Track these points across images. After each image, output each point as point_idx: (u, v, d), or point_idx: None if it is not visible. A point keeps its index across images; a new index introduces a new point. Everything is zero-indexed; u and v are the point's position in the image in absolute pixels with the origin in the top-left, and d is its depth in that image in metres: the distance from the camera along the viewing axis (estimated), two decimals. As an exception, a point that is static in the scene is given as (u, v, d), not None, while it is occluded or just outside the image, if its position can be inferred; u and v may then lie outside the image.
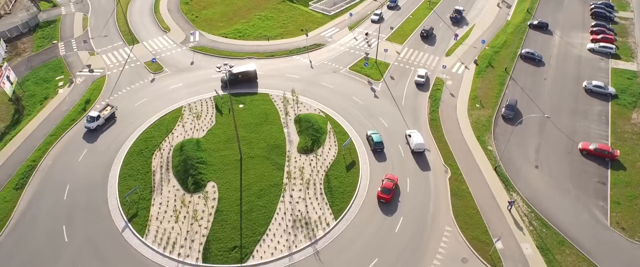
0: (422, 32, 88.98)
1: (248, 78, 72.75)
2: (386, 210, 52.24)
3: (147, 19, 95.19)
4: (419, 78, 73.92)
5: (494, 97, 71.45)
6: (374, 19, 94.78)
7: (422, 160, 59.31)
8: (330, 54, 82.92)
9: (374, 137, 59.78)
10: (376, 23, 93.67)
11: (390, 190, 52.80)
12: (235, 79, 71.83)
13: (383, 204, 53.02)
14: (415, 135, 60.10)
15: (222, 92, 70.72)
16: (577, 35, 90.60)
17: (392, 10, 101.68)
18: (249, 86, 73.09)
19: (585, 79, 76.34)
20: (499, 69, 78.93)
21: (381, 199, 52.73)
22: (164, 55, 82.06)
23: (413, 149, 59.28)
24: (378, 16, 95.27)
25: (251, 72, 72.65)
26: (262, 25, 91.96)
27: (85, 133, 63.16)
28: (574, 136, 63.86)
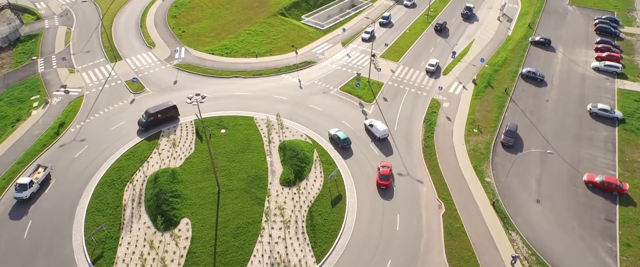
0: (437, 26, 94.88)
1: (169, 115, 64.58)
2: (372, 253, 47.87)
3: (132, 33, 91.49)
4: (429, 66, 79.36)
5: (493, 121, 67.13)
6: (365, 37, 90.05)
7: (414, 193, 54.98)
8: (321, 73, 78.87)
9: (340, 135, 60.46)
10: (367, 41, 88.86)
11: (388, 176, 54.86)
12: (154, 120, 63.40)
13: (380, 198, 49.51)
14: (377, 123, 62.39)
15: (140, 137, 62.78)
16: (580, 53, 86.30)
17: (385, 27, 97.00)
18: (172, 121, 66.19)
19: (589, 101, 72.00)
20: (499, 89, 74.66)
21: (381, 185, 54.75)
22: (146, 74, 78.20)
23: (380, 137, 61.45)
24: (369, 34, 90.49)
25: (171, 109, 64.46)
26: (251, 40, 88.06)
27: (54, 161, 59.07)
28: (579, 165, 59.40)
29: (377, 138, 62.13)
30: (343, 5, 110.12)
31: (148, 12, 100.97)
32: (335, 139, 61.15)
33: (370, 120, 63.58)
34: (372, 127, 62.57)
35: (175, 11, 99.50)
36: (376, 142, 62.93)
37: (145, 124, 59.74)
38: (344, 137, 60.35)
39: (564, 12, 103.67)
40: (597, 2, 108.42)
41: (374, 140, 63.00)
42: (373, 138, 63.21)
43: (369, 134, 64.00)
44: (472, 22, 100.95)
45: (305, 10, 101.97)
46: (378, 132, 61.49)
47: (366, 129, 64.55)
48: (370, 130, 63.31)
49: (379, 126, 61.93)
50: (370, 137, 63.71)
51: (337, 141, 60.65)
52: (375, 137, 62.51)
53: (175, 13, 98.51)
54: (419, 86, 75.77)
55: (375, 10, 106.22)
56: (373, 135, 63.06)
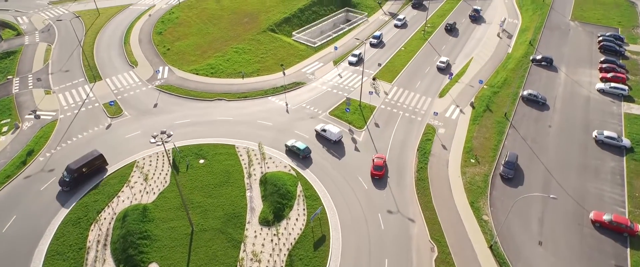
0: (447, 26, 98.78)
1: (95, 167, 56.61)
2: (357, 306, 43.25)
3: (115, 51, 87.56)
4: (440, 63, 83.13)
5: (491, 150, 62.64)
6: (352, 61, 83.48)
7: (404, 234, 50.42)
8: (310, 95, 74.62)
9: (299, 146, 59.63)
10: (354, 65, 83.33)
11: (382, 167, 57.13)
12: (80, 176, 54.89)
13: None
14: (329, 127, 62.55)
15: (64, 188, 55.01)
16: (584, 72, 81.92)
17: (376, 47, 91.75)
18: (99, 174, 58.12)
19: (595, 126, 67.52)
20: (498, 113, 70.25)
21: (375, 176, 56.75)
22: (126, 95, 74.07)
23: (335, 140, 62.01)
24: (356, 57, 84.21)
25: (97, 159, 56.44)
26: (238, 59, 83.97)
27: (17, 195, 54.67)
28: (584, 201, 54.78)
29: (333, 141, 62.25)
30: (337, 20, 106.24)
31: (133, 27, 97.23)
32: (294, 150, 60.00)
33: (321, 126, 63.43)
34: (325, 132, 62.52)
35: (161, 27, 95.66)
36: (334, 149, 61.61)
37: (69, 183, 52.89)
38: (303, 147, 59.48)
39: (566, 28, 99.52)
40: (600, 18, 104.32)
41: (330, 144, 62.70)
42: (328, 143, 62.86)
43: (322, 139, 63.51)
44: (480, 24, 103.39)
45: (296, 26, 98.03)
46: (333, 136, 61.87)
47: (318, 136, 64.13)
48: (323, 136, 63.07)
49: (332, 130, 62.11)
50: (322, 143, 63.08)
51: (297, 152, 59.69)
52: (330, 141, 62.53)
53: (162, 29, 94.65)
54: (413, 110, 71.45)
55: (370, 26, 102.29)
56: (327, 139, 63.04)
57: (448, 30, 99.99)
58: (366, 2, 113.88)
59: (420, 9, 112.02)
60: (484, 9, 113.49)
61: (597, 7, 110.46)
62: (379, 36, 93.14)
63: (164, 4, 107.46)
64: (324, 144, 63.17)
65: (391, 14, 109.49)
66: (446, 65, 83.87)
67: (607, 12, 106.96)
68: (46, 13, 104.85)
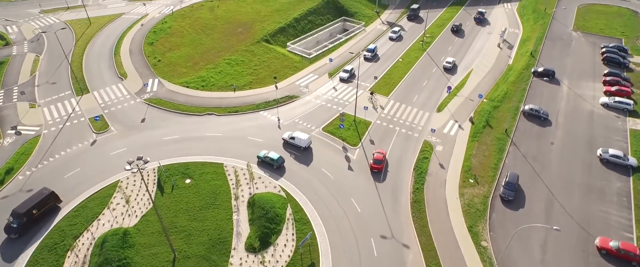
0: (453, 27, 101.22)
1: (48, 207, 51.36)
2: None
3: (105, 62, 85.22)
4: (446, 64, 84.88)
5: (491, 169, 59.89)
6: (343, 77, 79.22)
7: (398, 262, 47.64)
8: (304, 109, 72.06)
9: (272, 156, 58.51)
10: (346, 82, 79.40)
11: (381, 161, 58.50)
12: (29, 219, 49.21)
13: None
14: (298, 134, 61.73)
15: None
16: (587, 86, 79.24)
17: (370, 62, 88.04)
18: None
19: (599, 143, 64.77)
20: (499, 129, 67.55)
21: (374, 169, 58.28)
22: (113, 109, 71.60)
23: (305, 146, 61.34)
24: (348, 73, 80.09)
25: (48, 198, 51.13)
26: (231, 71, 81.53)
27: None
28: (589, 225, 51.96)
29: (303, 148, 61.68)
30: (333, 30, 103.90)
31: (125, 37, 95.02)
32: (267, 161, 58.90)
33: (289, 133, 62.72)
34: (294, 140, 61.73)
35: (153, 37, 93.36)
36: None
37: (17, 229, 47.24)
38: (276, 157, 58.36)
39: (568, 39, 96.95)
40: (603, 28, 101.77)
41: (299, 152, 62.05)
42: (297, 150, 62.20)
43: (291, 147, 62.75)
44: (485, 26, 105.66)
45: (292, 36, 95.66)
46: (303, 142, 61.11)
47: (286, 144, 63.23)
48: (292, 144, 62.22)
49: (301, 136, 61.33)
50: (289, 151, 62.17)
51: (271, 163, 58.61)
52: (300, 148, 61.95)
53: (153, 39, 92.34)
54: (410, 125, 68.80)
55: (367, 36, 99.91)
56: (297, 147, 62.28)
57: (454, 31, 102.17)
58: (364, 11, 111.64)
59: (416, 21, 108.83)
60: (484, 20, 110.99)
61: (600, 16, 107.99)
62: (373, 49, 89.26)
63: (157, 13, 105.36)
64: (292, 152, 61.75)
65: (389, 23, 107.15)
66: (452, 65, 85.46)
67: (610, 22, 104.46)
68: (37, 22, 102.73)
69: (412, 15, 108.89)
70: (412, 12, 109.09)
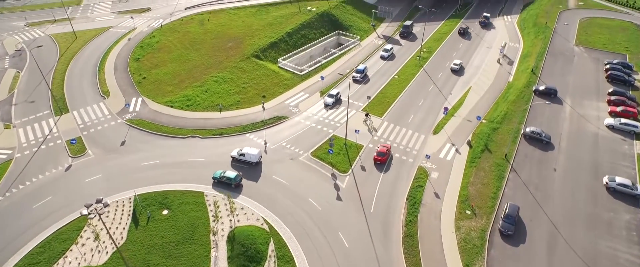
0: (460, 30, 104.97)
1: None
2: None
3: (88, 79, 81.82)
4: (454, 65, 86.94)
5: (489, 199, 56.03)
6: (328, 102, 73.49)
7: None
8: (292, 132, 68.42)
9: (230, 175, 56.09)
10: (331, 108, 74.05)
11: (385, 154, 61.07)
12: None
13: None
14: (247, 149, 59.76)
15: None
16: (591, 105, 75.53)
17: (359, 83, 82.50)
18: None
19: (605, 170, 60.97)
20: (498, 153, 63.76)
21: (377, 161, 60.85)
22: (93, 131, 68.03)
23: (255, 162, 59.43)
24: (333, 98, 74.52)
25: None
26: (218, 90, 78.00)
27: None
28: (596, 263, 48.01)
29: (254, 164, 59.90)
30: (327, 45, 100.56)
31: (110, 52, 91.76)
32: (224, 181, 56.34)
33: (237, 151, 60.59)
34: (244, 156, 59.59)
35: (139, 53, 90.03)
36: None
37: None
38: (234, 176, 56.15)
39: (571, 55, 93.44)
40: (606, 43, 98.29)
41: (250, 167, 60.22)
42: (248, 166, 60.31)
43: (240, 163, 60.62)
44: (490, 29, 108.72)
45: (284, 52, 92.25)
46: (253, 158, 59.30)
47: (235, 161, 60.83)
48: (242, 160, 60.00)
49: (251, 151, 59.49)
50: (236, 169, 59.91)
51: (229, 182, 56.12)
52: (251, 163, 59.90)
53: (139, 55, 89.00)
54: (405, 149, 65.06)
55: (362, 51, 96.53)
56: (247, 163, 60.09)
57: (461, 33, 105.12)
58: (359, 24, 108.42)
59: (410, 38, 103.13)
60: (483, 33, 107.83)
61: (603, 30, 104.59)
62: (363, 70, 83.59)
63: (146, 26, 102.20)
64: (240, 169, 59.73)
65: (385, 37, 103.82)
66: (459, 67, 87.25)
67: (613, 37, 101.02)
68: (21, 36, 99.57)
69: (405, 33, 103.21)
70: (405, 29, 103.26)
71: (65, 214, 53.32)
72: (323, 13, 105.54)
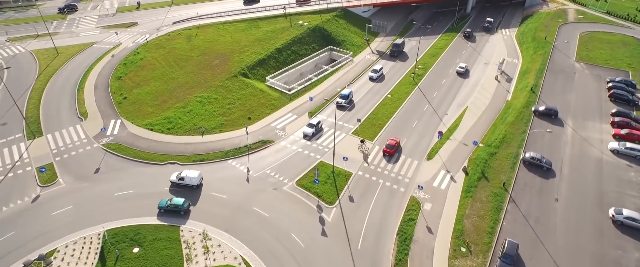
0: (465, 33, 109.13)
1: None
2: None
3: (66, 99, 78.06)
4: (460, 68, 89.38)
5: (486, 234, 51.98)
6: (307, 133, 67.59)
7: None
8: (277, 157, 64.50)
9: (176, 202, 53.13)
10: (309, 139, 67.95)
11: (393, 146, 63.97)
12: None
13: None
14: (187, 172, 57.33)
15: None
16: (594, 127, 71.67)
17: (343, 110, 76.34)
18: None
19: (610, 201, 56.99)
20: (495, 181, 59.79)
21: (386, 153, 63.85)
22: (66, 156, 64.14)
23: (196, 185, 57.35)
24: (313, 128, 68.24)
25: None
26: (201, 111, 74.17)
27: None
28: (603, 310, 43.69)
29: (195, 186, 57.27)
30: (319, 61, 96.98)
31: (92, 70, 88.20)
32: (171, 209, 53.15)
33: (176, 174, 58.01)
34: (184, 179, 57.08)
35: (122, 70, 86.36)
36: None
37: None
38: (181, 202, 53.23)
39: (571, 71, 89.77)
40: (608, 59, 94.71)
41: (192, 190, 57.42)
42: (190, 189, 57.50)
43: (181, 187, 57.76)
44: (493, 34, 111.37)
45: (273, 69, 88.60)
46: (193, 180, 56.89)
47: (175, 186, 57.97)
48: (182, 184, 57.38)
49: (191, 174, 57.13)
50: (175, 194, 56.93)
51: (177, 210, 53.02)
52: (192, 187, 57.33)
53: (122, 73, 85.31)
54: (396, 177, 61.09)
55: (354, 68, 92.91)
56: (188, 186, 57.46)
57: (466, 37, 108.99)
58: (352, 39, 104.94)
59: (400, 58, 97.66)
60: (481, 47, 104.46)
61: (604, 45, 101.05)
62: (348, 96, 77.39)
63: (131, 42, 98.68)
64: (178, 193, 56.67)
65: (379, 53, 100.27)
66: (465, 70, 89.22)
67: (615, 52, 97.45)
68: (1, 51, 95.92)
69: (396, 52, 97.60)
70: (396, 48, 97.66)
71: (27, 251, 49.09)
72: (315, 28, 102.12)
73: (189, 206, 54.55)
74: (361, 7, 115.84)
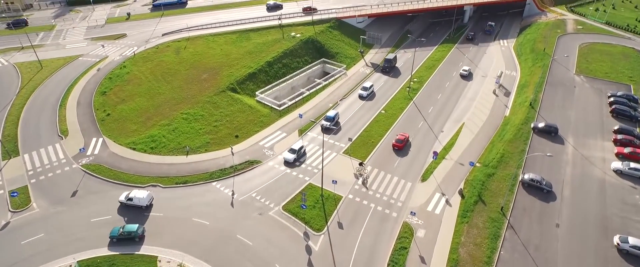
0: (468, 35, 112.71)
1: None
2: None
3: (46, 116, 75.07)
4: (463, 71, 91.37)
5: (483, 264, 49.00)
6: (288, 159, 62.68)
7: None
8: (264, 179, 61.48)
9: (130, 228, 50.42)
10: (291, 165, 63.36)
11: (403, 141, 66.74)
12: None
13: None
14: (136, 192, 55.21)
15: None
16: (596, 145, 68.75)
17: (329, 133, 71.24)
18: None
19: (615, 227, 54.09)
20: (493, 205, 56.72)
21: (395, 146, 66.53)
22: (43, 178, 61.09)
23: (146, 205, 54.89)
24: (294, 154, 63.18)
25: None
26: (186, 128, 71.19)
27: None
28: None
29: (144, 207, 54.88)
30: (311, 74, 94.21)
31: (76, 84, 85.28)
32: (125, 237, 50.34)
33: (125, 195, 55.73)
34: (132, 200, 54.71)
35: (107, 85, 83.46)
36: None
37: None
38: (135, 228, 50.38)
39: (571, 85, 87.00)
40: (608, 71, 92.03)
41: (142, 212, 54.82)
42: (139, 210, 54.95)
43: (129, 208, 55.16)
44: (494, 38, 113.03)
45: (263, 83, 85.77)
46: (143, 201, 54.58)
47: (124, 207, 55.34)
48: (131, 205, 55.03)
49: (139, 195, 54.82)
50: (126, 215, 54.27)
51: (132, 237, 50.24)
52: (141, 207, 54.92)
53: (106, 88, 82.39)
54: (388, 201, 58.04)
55: (348, 82, 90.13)
56: (138, 207, 55.04)
57: (469, 39, 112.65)
58: (346, 51, 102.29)
59: (392, 75, 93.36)
60: (479, 59, 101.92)
61: (604, 57, 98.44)
62: (333, 118, 72.43)
63: (118, 55, 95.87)
64: (127, 215, 54.25)
65: (373, 65, 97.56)
66: (468, 73, 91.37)
67: (615, 64, 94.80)
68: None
69: (388, 67, 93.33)
70: (388, 64, 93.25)
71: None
72: (308, 39, 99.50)
73: (144, 231, 51.56)
74: (356, 17, 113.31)
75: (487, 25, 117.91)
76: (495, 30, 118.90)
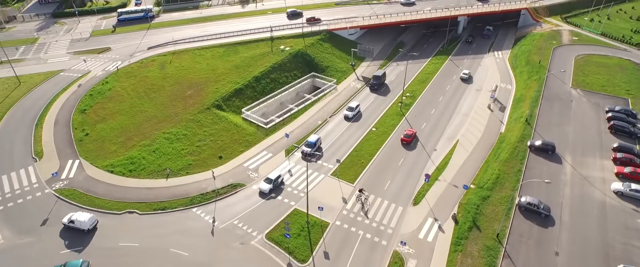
0: (468, 38, 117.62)
1: None
2: None
3: (21, 137, 71.64)
4: (464, 74, 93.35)
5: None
6: (264, 189, 58.24)
7: None
8: (247, 205, 58.25)
9: (74, 264, 46.99)
10: (266, 196, 58.75)
11: (411, 136, 69.76)
12: None
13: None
14: (78, 215, 52.80)
15: None
16: (595, 164, 66.04)
17: (310, 159, 66.66)
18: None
19: (617, 255, 51.21)
20: (488, 231, 53.73)
21: (403, 141, 69.42)
22: (11, 205, 57.68)
23: (89, 228, 52.36)
24: (270, 183, 58.66)
25: None
26: (168, 149, 67.93)
27: None
28: None
29: (86, 231, 52.32)
30: (301, 89, 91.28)
31: (55, 102, 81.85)
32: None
33: (68, 217, 53.16)
34: (74, 223, 52.24)
35: (87, 102, 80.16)
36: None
37: None
38: (79, 263, 47.12)
39: (568, 99, 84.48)
40: (605, 85, 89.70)
41: (83, 235, 52.16)
42: (81, 234, 52.32)
43: (73, 231, 52.54)
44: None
45: (250, 99, 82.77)
46: (84, 224, 52.10)
47: (66, 230, 52.82)
48: (74, 228, 52.51)
49: (81, 218, 52.35)
50: (68, 238, 51.58)
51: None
52: (84, 231, 52.39)
53: (87, 106, 79.09)
54: (378, 227, 54.95)
55: (338, 97, 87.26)
56: (80, 230, 52.49)
57: (468, 42, 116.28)
58: (337, 65, 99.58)
59: (380, 92, 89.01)
60: (473, 71, 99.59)
61: (600, 70, 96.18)
62: (314, 144, 67.26)
63: (101, 70, 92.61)
64: (69, 238, 51.69)
65: (365, 79, 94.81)
66: (468, 76, 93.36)
67: (612, 77, 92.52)
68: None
69: (376, 84, 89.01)
70: (376, 81, 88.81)
71: None
72: (297, 53, 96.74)
73: (89, 265, 48.08)
74: (348, 29, 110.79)
75: (485, 30, 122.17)
76: (492, 34, 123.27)
